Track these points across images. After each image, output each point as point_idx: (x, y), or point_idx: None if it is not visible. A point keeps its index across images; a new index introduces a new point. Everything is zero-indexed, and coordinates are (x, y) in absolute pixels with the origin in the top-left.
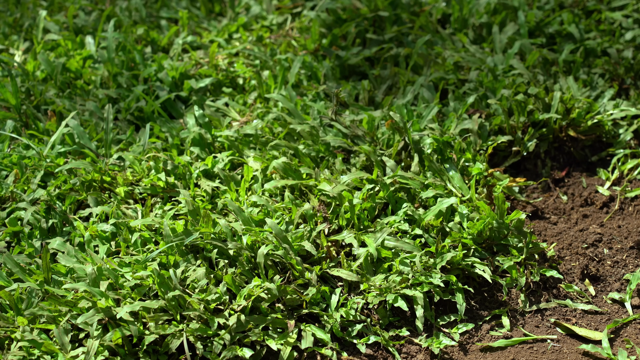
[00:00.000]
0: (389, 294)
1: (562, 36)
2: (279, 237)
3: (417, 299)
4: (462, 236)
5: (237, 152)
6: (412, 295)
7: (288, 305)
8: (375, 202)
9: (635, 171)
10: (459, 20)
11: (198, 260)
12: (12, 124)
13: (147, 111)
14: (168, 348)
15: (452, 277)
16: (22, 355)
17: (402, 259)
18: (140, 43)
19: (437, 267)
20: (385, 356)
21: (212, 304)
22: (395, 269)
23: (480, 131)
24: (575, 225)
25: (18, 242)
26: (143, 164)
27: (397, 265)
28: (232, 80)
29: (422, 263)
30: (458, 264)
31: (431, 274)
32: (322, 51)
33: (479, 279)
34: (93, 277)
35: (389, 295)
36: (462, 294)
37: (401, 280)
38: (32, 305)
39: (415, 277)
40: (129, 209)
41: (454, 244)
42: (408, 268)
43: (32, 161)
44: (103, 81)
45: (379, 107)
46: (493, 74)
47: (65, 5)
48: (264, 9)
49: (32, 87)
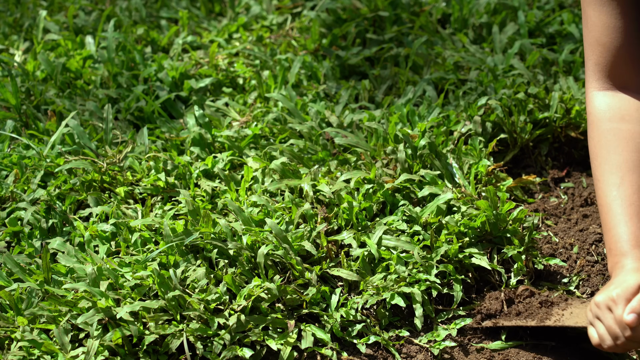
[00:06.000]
0: (387, 292)
1: (562, 36)
2: (279, 237)
3: (415, 295)
4: (459, 229)
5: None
6: (409, 292)
7: (288, 305)
8: (373, 202)
9: None
10: (459, 20)
11: (198, 260)
12: (12, 124)
13: (147, 111)
14: (168, 348)
15: (449, 266)
16: (22, 355)
17: (399, 257)
18: (140, 43)
19: (434, 260)
20: (385, 356)
21: (212, 304)
22: (392, 268)
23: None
24: (575, 225)
25: (18, 242)
26: (143, 163)
27: (394, 264)
28: (232, 80)
29: (420, 260)
30: (455, 256)
31: (428, 270)
32: (322, 51)
33: (477, 273)
34: (93, 277)
35: (386, 293)
36: (459, 284)
37: (398, 278)
38: (32, 305)
39: (411, 275)
40: (129, 209)
41: (450, 237)
42: (405, 267)
43: (32, 161)
44: (103, 81)
45: (379, 106)
46: (493, 74)
47: (65, 5)
48: (264, 9)
49: (32, 87)
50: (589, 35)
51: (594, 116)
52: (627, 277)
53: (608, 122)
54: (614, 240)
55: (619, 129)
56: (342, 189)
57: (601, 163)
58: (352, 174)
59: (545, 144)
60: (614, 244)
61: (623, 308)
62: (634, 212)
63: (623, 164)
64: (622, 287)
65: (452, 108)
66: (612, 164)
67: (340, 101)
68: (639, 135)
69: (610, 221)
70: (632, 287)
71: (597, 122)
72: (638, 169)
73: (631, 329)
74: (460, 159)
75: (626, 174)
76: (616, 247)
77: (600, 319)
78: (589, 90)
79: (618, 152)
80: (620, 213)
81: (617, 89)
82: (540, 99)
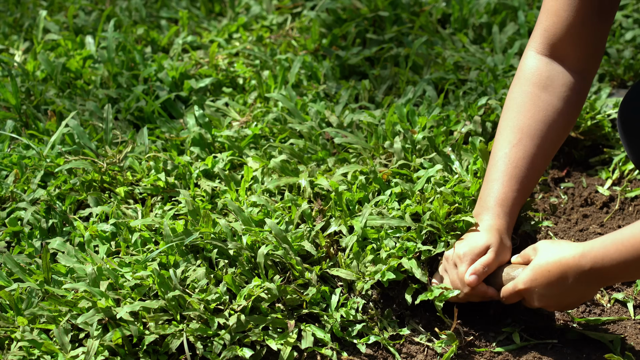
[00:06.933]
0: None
1: None
2: (279, 237)
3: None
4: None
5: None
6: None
7: (288, 305)
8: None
9: (635, 171)
10: (459, 20)
11: (198, 260)
12: (12, 124)
13: (147, 111)
14: (168, 348)
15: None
16: (22, 355)
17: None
18: (140, 43)
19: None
20: (385, 356)
21: (212, 304)
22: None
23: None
24: (576, 225)
25: (18, 242)
26: (143, 163)
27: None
28: (232, 80)
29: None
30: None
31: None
32: (322, 51)
33: None
34: (93, 277)
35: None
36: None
37: (388, 255)
38: (32, 305)
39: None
40: (129, 209)
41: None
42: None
43: (32, 161)
44: (103, 81)
45: (379, 106)
46: (493, 74)
47: (65, 5)
48: (264, 9)
49: (32, 87)
50: (550, 3)
51: (522, 73)
52: (478, 237)
53: (531, 85)
54: (486, 192)
55: (538, 95)
56: (339, 182)
57: (508, 118)
58: (349, 167)
59: None
60: (484, 195)
61: (466, 266)
62: (516, 174)
63: (526, 128)
64: (470, 247)
65: (452, 108)
66: (516, 124)
67: (340, 101)
68: (552, 109)
69: (491, 174)
70: (478, 247)
71: (522, 80)
72: (537, 139)
73: (471, 287)
74: (460, 156)
75: (524, 138)
76: (485, 199)
77: (448, 272)
78: (528, 48)
79: (527, 116)
80: (502, 170)
81: (553, 59)
82: None
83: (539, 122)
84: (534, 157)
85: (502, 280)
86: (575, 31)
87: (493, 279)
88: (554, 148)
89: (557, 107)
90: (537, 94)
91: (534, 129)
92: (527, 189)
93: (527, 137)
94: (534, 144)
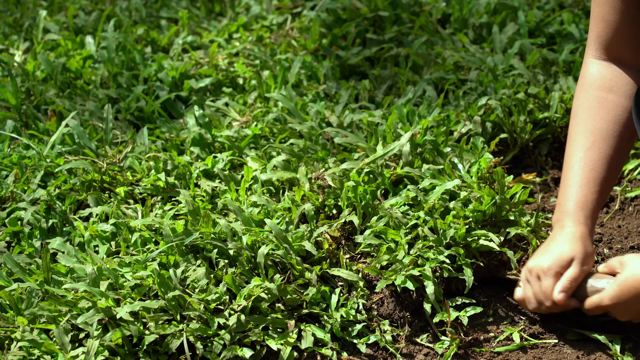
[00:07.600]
0: (397, 275)
1: (562, 36)
2: (279, 237)
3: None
4: (465, 214)
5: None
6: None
7: (288, 305)
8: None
9: (635, 171)
10: (459, 20)
11: (198, 260)
12: (12, 124)
13: (147, 111)
14: (168, 348)
15: (459, 249)
16: (22, 355)
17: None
18: (140, 43)
19: (443, 243)
20: (385, 356)
21: (212, 304)
22: (400, 249)
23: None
24: None
25: (18, 242)
26: (143, 163)
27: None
28: (232, 80)
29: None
30: (463, 239)
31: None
32: (322, 51)
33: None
34: (93, 277)
35: (397, 277)
36: (469, 268)
37: (410, 261)
38: (32, 305)
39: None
40: (129, 209)
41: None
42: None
43: (32, 161)
44: (103, 81)
45: (379, 106)
46: (493, 74)
47: (65, 5)
48: (264, 9)
49: (32, 87)
50: (596, 10)
51: (585, 79)
52: (562, 248)
53: (596, 89)
54: (565, 197)
55: (605, 97)
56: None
57: (578, 123)
58: (353, 163)
59: (545, 144)
60: (564, 200)
61: (551, 280)
62: (593, 177)
63: (597, 130)
64: (554, 259)
65: (452, 108)
66: (588, 127)
67: (340, 101)
68: (620, 108)
69: (569, 179)
70: (564, 260)
71: (586, 86)
72: (610, 139)
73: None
74: (461, 157)
75: (597, 140)
76: (564, 204)
77: (530, 283)
78: (587, 56)
79: (597, 118)
80: (579, 174)
81: (612, 62)
82: (540, 99)
83: (610, 123)
84: (610, 157)
85: (587, 291)
86: (624, 31)
87: (576, 290)
88: (629, 145)
89: (625, 105)
90: (603, 97)
91: (606, 130)
92: (606, 190)
93: (599, 139)
94: (608, 144)
